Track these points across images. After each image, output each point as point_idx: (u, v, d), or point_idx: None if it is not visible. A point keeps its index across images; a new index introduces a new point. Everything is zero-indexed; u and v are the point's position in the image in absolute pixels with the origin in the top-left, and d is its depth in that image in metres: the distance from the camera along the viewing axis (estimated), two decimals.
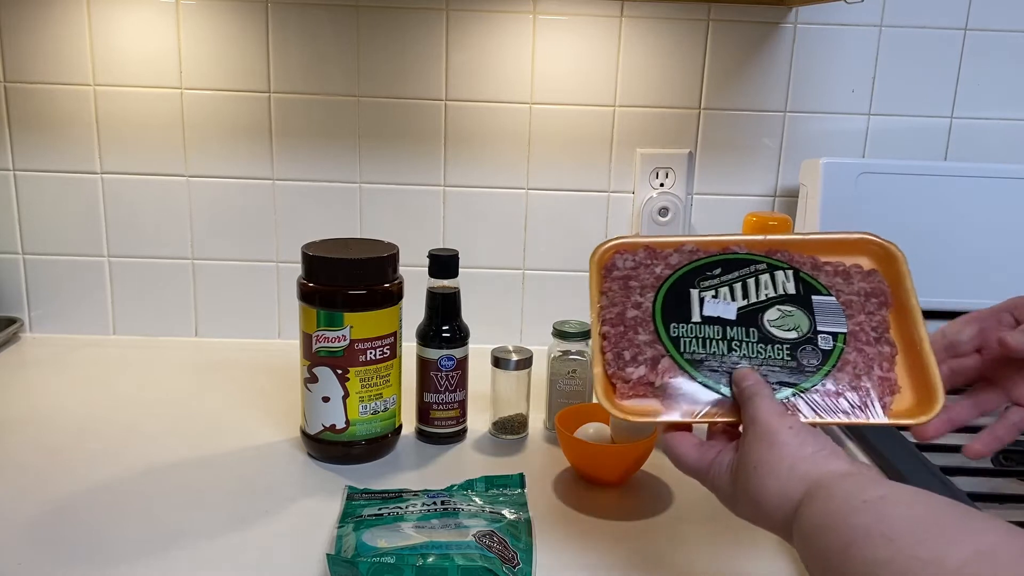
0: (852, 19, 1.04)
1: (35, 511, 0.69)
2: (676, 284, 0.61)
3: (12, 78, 1.03)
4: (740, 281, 0.61)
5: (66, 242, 1.08)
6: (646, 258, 0.63)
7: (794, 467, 0.49)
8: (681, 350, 0.57)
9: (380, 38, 1.03)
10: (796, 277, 0.61)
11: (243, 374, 1.00)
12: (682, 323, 0.59)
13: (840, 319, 0.59)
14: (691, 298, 0.60)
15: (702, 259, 0.63)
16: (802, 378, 0.56)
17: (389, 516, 0.66)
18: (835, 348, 0.58)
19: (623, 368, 0.58)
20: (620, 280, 0.62)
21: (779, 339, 0.58)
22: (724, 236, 0.65)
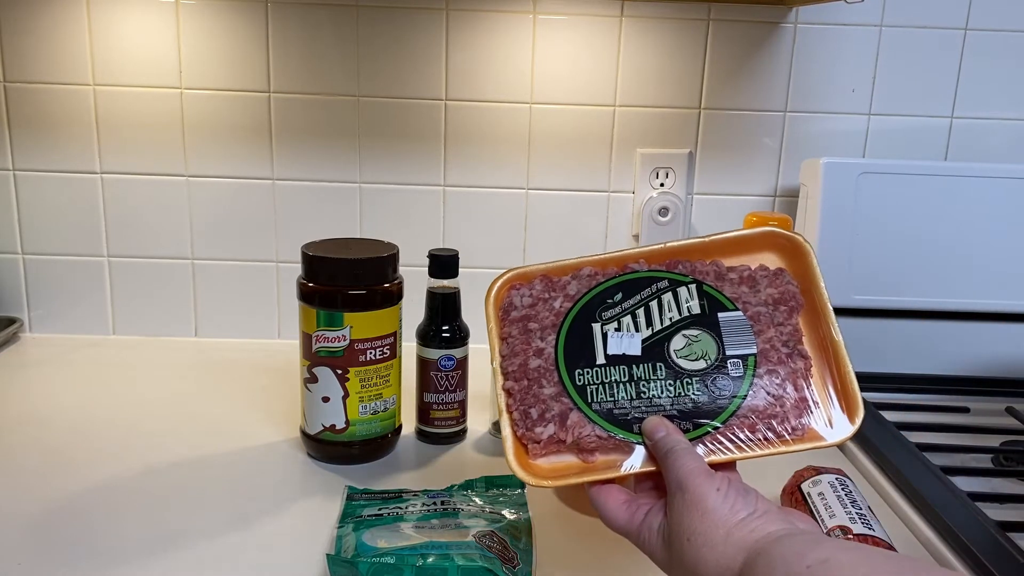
0: (852, 19, 1.04)
1: (35, 511, 0.69)
2: (577, 319, 0.59)
3: (12, 78, 1.03)
4: (642, 306, 0.58)
5: (66, 242, 1.08)
6: (544, 291, 0.60)
7: (729, 535, 0.47)
8: (589, 400, 0.55)
9: (380, 38, 1.03)
10: (700, 292, 0.59)
11: (243, 374, 1.00)
12: (587, 368, 0.56)
13: (749, 337, 0.57)
14: (594, 335, 0.58)
15: (601, 283, 0.60)
16: (716, 412, 0.54)
17: (389, 516, 0.66)
18: (746, 374, 0.55)
19: (532, 428, 0.55)
20: (519, 323, 0.59)
21: (688, 371, 0.55)
22: (623, 252, 0.62)
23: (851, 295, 1.00)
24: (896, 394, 0.96)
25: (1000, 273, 1.00)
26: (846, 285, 0.99)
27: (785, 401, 0.55)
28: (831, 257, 0.99)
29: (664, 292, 0.59)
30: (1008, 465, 0.82)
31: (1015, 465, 0.82)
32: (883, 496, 0.76)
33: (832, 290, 0.99)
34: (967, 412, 0.93)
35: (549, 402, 0.56)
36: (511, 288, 0.61)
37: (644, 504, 0.53)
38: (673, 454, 0.51)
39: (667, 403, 0.55)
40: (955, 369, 1.02)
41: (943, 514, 0.68)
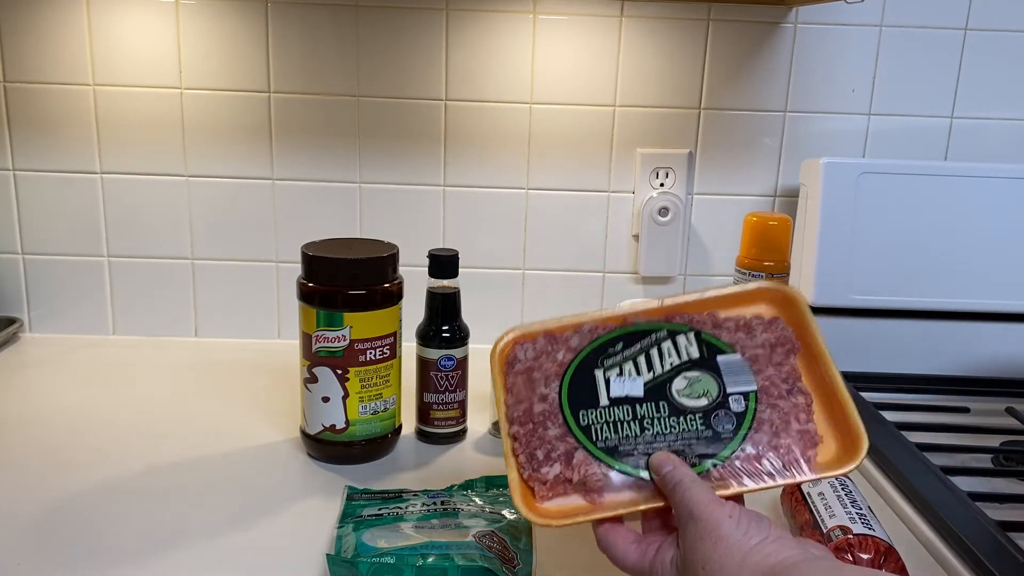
0: (852, 19, 1.04)
1: (35, 511, 0.69)
2: (580, 368, 0.60)
3: (12, 78, 1.03)
4: (643, 353, 0.59)
5: (66, 242, 1.08)
6: (547, 345, 0.62)
7: (744, 561, 0.46)
8: (594, 439, 0.56)
9: (380, 38, 1.03)
10: (698, 339, 0.60)
11: (243, 374, 1.00)
12: (591, 409, 0.57)
13: (748, 376, 0.57)
14: (596, 380, 0.59)
15: (602, 336, 0.61)
16: (720, 447, 0.55)
17: (389, 516, 0.66)
18: (748, 409, 0.56)
19: (538, 469, 0.56)
20: (523, 374, 0.60)
21: (690, 408, 0.56)
22: (622, 310, 0.63)
23: (851, 295, 1.00)
24: (896, 394, 0.96)
25: (1000, 273, 1.00)
26: (846, 285, 0.99)
27: (789, 434, 0.55)
28: (831, 257, 0.99)
29: (663, 341, 0.60)
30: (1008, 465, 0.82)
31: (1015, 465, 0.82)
32: (883, 496, 0.76)
33: (832, 290, 0.99)
34: (967, 412, 0.93)
35: (554, 442, 0.56)
36: (515, 344, 0.63)
37: (654, 541, 0.52)
38: (681, 486, 0.51)
39: (672, 439, 0.55)
40: (955, 369, 1.02)
41: (943, 514, 0.68)
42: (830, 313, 1.01)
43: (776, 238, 0.89)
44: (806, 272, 1.00)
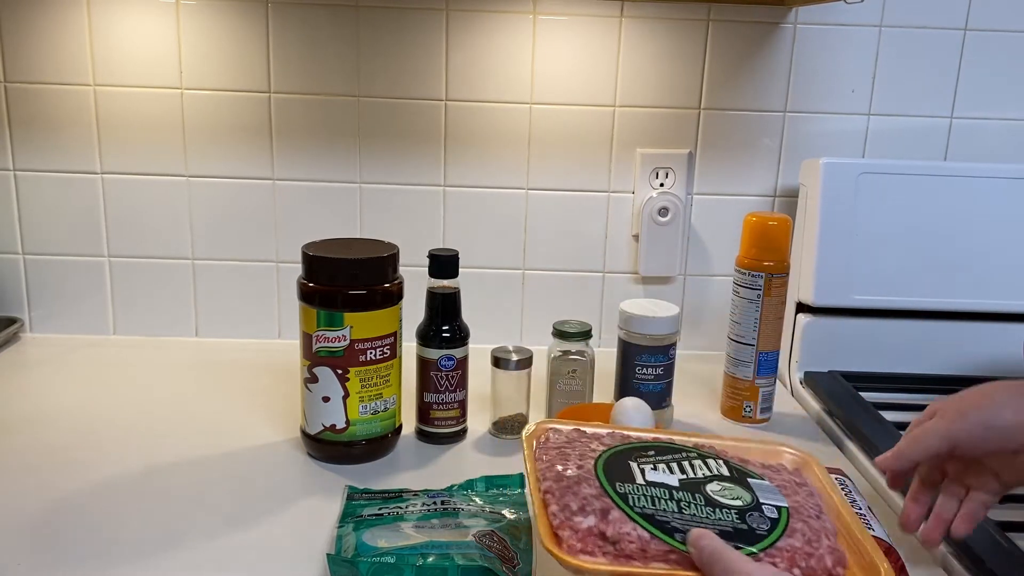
0: (852, 19, 1.04)
1: (35, 511, 0.69)
2: (613, 456, 0.59)
3: (12, 78, 1.03)
4: (675, 461, 0.59)
5: (66, 242, 1.08)
6: (578, 436, 0.62)
7: None
8: (631, 504, 0.53)
9: (380, 38, 1.03)
10: (727, 465, 0.60)
11: (243, 374, 1.00)
12: (627, 482, 0.55)
13: (779, 496, 0.57)
14: (631, 467, 0.58)
15: (633, 443, 0.62)
16: (756, 540, 0.53)
17: (389, 516, 0.66)
18: (781, 516, 0.55)
19: (570, 518, 0.52)
20: (555, 449, 0.60)
21: (726, 504, 0.55)
22: (651, 432, 0.65)
23: (851, 295, 1.00)
24: (896, 394, 0.96)
25: (1000, 273, 1.00)
26: (846, 285, 0.99)
27: (820, 547, 0.54)
28: (831, 257, 0.99)
29: (694, 459, 0.60)
30: None
31: None
32: (883, 496, 0.76)
33: (832, 290, 0.99)
34: None
35: (590, 499, 0.53)
36: (547, 430, 0.63)
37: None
38: (718, 554, 0.49)
39: (708, 523, 0.53)
40: (955, 369, 1.02)
41: None
42: (830, 313, 1.01)
43: (776, 238, 0.89)
44: (806, 272, 1.00)
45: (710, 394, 0.98)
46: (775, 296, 0.88)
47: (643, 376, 0.86)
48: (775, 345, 0.90)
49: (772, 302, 0.88)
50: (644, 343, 0.85)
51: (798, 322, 1.02)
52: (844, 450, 0.86)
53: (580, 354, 0.86)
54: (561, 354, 0.86)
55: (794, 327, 1.03)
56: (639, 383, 0.86)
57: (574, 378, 0.86)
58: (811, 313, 1.02)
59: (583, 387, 0.87)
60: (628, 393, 0.85)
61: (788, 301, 0.93)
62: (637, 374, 0.86)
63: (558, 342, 0.87)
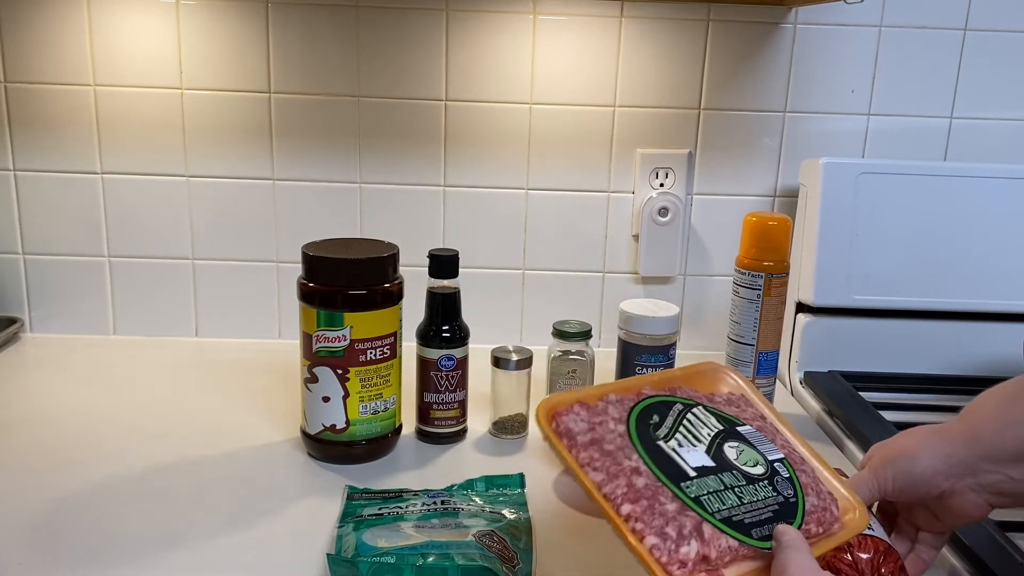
0: (852, 19, 1.04)
1: (35, 511, 0.69)
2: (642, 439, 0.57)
3: (12, 78, 1.03)
4: (680, 425, 0.59)
5: (66, 242, 1.08)
6: (590, 416, 0.58)
7: None
8: (709, 511, 0.53)
9: (380, 38, 1.03)
10: (708, 411, 0.60)
11: (243, 374, 1.00)
12: (687, 481, 0.54)
13: (770, 445, 0.59)
14: (667, 452, 0.56)
15: (633, 408, 0.60)
16: (794, 511, 0.55)
17: (389, 516, 0.66)
18: (791, 474, 0.57)
19: (677, 550, 0.50)
20: (593, 446, 0.56)
21: (756, 476, 0.56)
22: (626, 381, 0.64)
23: (851, 295, 1.00)
24: (896, 394, 0.96)
25: (1000, 273, 1.00)
26: (846, 285, 0.99)
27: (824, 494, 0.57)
28: (831, 257, 0.99)
29: (685, 412, 0.60)
30: None
31: None
32: None
33: (832, 290, 0.99)
34: None
35: (678, 517, 0.52)
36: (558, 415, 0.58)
37: None
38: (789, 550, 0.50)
39: (762, 507, 0.54)
40: (955, 369, 1.02)
41: None
42: (829, 313, 1.01)
43: (776, 238, 0.89)
44: (806, 272, 1.00)
45: None
46: (775, 296, 0.88)
47: None
48: (775, 345, 0.90)
49: (772, 302, 0.88)
50: (644, 343, 0.85)
51: (798, 322, 1.02)
52: (844, 450, 0.86)
53: (580, 354, 0.86)
54: (561, 354, 0.86)
55: (794, 327, 1.03)
56: None
57: (574, 378, 0.86)
58: (811, 313, 1.02)
59: (583, 387, 0.87)
60: None
61: (788, 301, 0.93)
62: (637, 374, 0.86)
63: (558, 342, 0.87)
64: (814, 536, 0.54)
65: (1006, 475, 0.56)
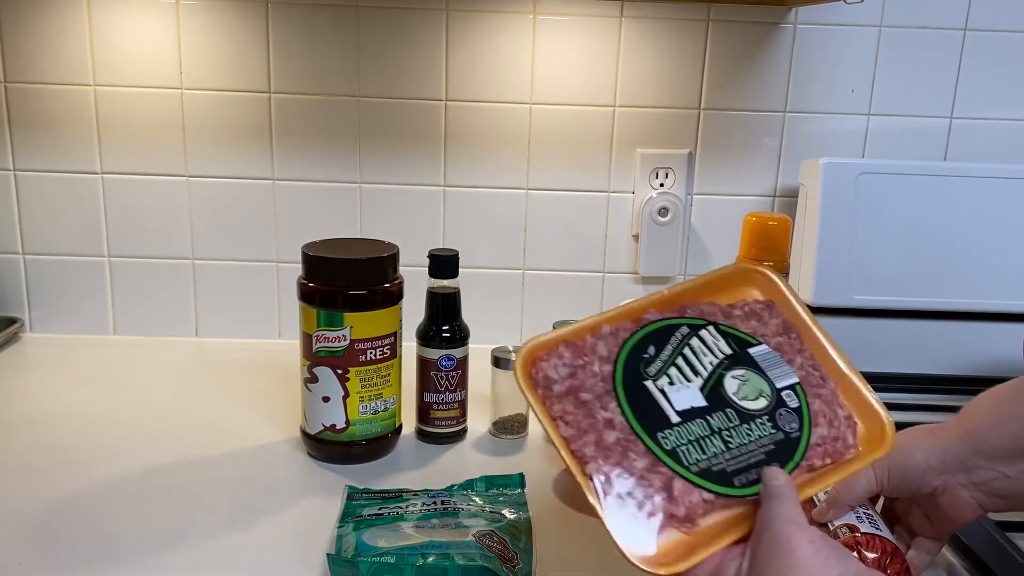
0: (852, 19, 1.04)
1: (35, 511, 0.69)
2: (627, 380, 0.54)
3: (12, 78, 1.03)
4: (678, 355, 0.55)
5: (66, 242, 1.08)
6: (573, 358, 0.54)
7: None
8: (684, 463, 0.50)
9: (380, 38, 1.03)
10: (720, 332, 0.57)
11: (243, 374, 1.00)
12: (666, 429, 0.51)
13: (785, 368, 0.56)
14: (653, 394, 0.53)
15: (628, 340, 0.56)
16: (794, 447, 0.53)
17: (389, 516, 0.66)
18: (801, 404, 0.55)
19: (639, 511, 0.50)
20: (568, 396, 0.53)
21: (755, 412, 0.53)
22: (628, 305, 0.59)
23: (851, 295, 1.00)
24: (896, 394, 0.96)
25: (1000, 273, 1.00)
26: (846, 285, 0.99)
27: (839, 421, 0.54)
28: (831, 257, 0.99)
29: (690, 338, 0.56)
30: None
31: None
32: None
33: (832, 290, 0.99)
34: None
35: (647, 475, 0.50)
36: (538, 360, 0.55)
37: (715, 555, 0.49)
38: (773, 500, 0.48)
39: (753, 448, 0.52)
40: (955, 369, 1.02)
41: None
42: (830, 313, 1.01)
43: (776, 238, 0.89)
44: (806, 272, 1.00)
45: None
46: None
47: None
48: None
49: None
50: None
51: None
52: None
53: None
54: None
55: None
56: None
57: None
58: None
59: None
60: None
61: None
62: None
63: None
64: (817, 470, 0.52)
65: (1000, 472, 0.56)
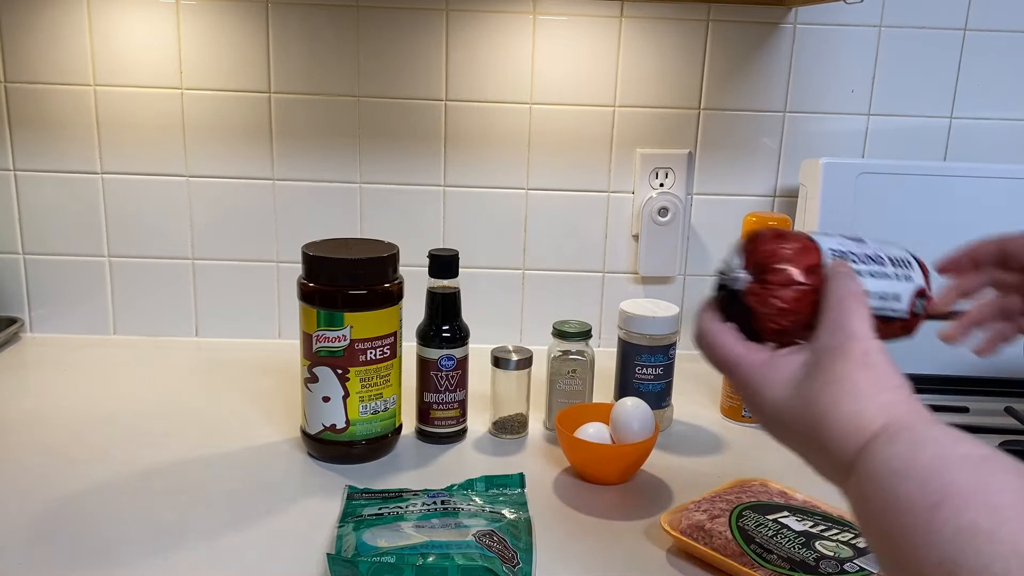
0: (852, 19, 1.04)
1: (35, 511, 0.69)
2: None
3: (12, 78, 1.03)
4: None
5: (66, 242, 1.08)
6: None
7: (878, 396, 0.42)
8: None
9: (380, 38, 1.03)
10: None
11: (243, 374, 1.00)
12: None
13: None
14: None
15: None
16: None
17: (389, 516, 0.66)
18: None
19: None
20: None
21: None
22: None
23: None
24: None
25: None
26: None
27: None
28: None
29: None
30: None
31: None
32: None
33: None
34: (967, 412, 0.93)
35: None
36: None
37: (763, 348, 0.49)
38: (849, 299, 0.47)
39: None
40: (955, 369, 1.02)
41: None
42: None
43: None
44: None
45: (710, 394, 0.98)
46: None
47: (643, 376, 0.86)
48: None
49: None
50: (644, 343, 0.86)
51: None
52: None
53: (580, 354, 0.86)
54: (561, 354, 0.86)
55: None
56: (639, 383, 0.86)
57: (574, 378, 0.86)
58: None
59: (583, 387, 0.87)
60: (628, 393, 0.85)
61: None
62: (637, 374, 0.86)
63: (558, 342, 0.87)
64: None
65: None
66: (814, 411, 0.43)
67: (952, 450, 0.37)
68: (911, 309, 0.54)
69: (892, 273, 0.54)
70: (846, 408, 0.42)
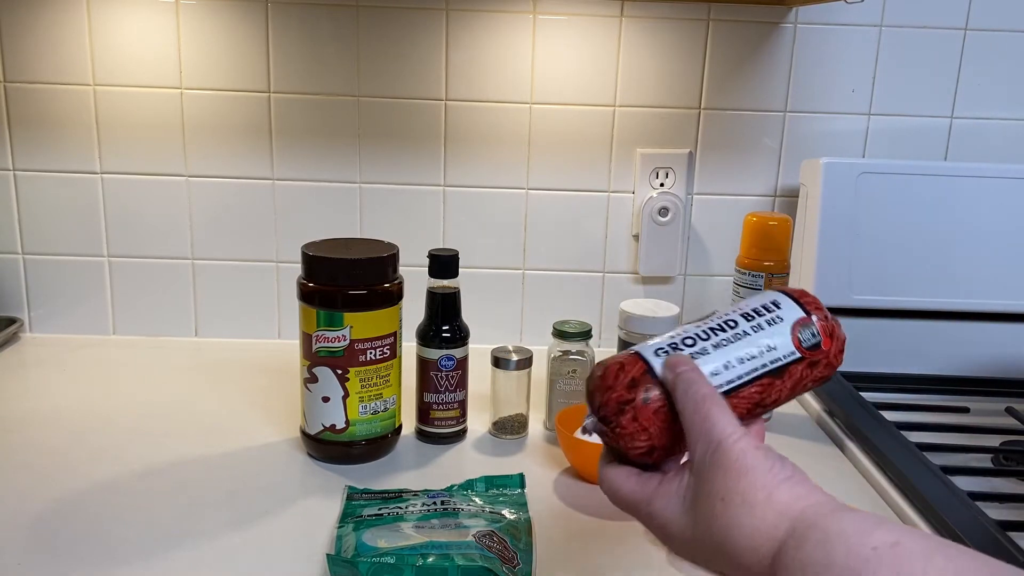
0: (852, 19, 1.04)
1: (35, 511, 0.69)
2: None
3: (12, 78, 1.03)
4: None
5: (66, 242, 1.08)
6: None
7: (771, 499, 0.41)
8: None
9: (380, 38, 1.03)
10: None
11: (243, 374, 1.00)
12: None
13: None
14: None
15: None
16: None
17: (389, 516, 0.66)
18: None
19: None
20: None
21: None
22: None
23: (851, 295, 1.00)
24: (896, 394, 0.96)
25: (1000, 273, 1.00)
26: (846, 285, 0.99)
27: None
28: (831, 257, 0.99)
29: None
30: (1008, 465, 0.82)
31: (1015, 465, 0.82)
32: (883, 495, 0.76)
33: (832, 290, 0.99)
34: (967, 412, 0.93)
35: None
36: None
37: (655, 476, 0.48)
38: (706, 402, 0.46)
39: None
40: (955, 369, 1.02)
41: (943, 514, 0.68)
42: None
43: (776, 238, 0.89)
44: (806, 272, 1.00)
45: None
46: None
47: None
48: None
49: None
50: None
51: None
52: (844, 450, 0.86)
53: (580, 354, 0.86)
54: (561, 354, 0.86)
55: None
56: None
57: (574, 378, 0.86)
58: None
59: (583, 387, 0.87)
60: None
61: None
62: None
63: (558, 342, 0.87)
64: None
65: None
66: (716, 535, 0.43)
67: (863, 543, 0.37)
68: (797, 346, 0.51)
69: (748, 328, 0.51)
70: (746, 523, 0.42)
